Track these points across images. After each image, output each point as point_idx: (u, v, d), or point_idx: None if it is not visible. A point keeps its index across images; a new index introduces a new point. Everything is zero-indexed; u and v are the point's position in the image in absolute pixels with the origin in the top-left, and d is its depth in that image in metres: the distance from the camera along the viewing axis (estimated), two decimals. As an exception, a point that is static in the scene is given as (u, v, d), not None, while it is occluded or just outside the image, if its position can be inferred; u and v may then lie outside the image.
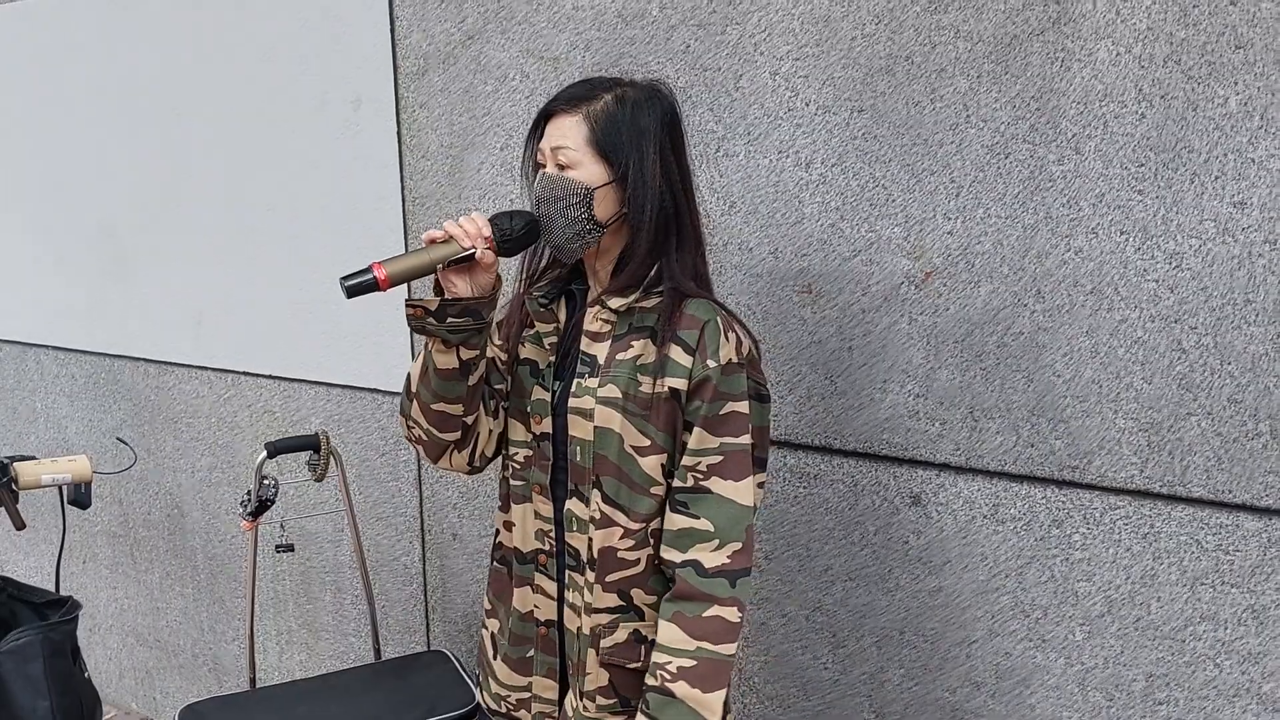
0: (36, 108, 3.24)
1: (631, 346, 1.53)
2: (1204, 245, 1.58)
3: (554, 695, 1.67)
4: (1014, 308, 1.74)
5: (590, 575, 1.57)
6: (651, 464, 1.53)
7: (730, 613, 1.50)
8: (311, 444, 2.44)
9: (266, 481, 2.40)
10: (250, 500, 2.40)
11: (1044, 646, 1.82)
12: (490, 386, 1.64)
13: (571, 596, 1.61)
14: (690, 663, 1.49)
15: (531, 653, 1.67)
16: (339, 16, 2.49)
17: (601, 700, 1.58)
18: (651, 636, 1.56)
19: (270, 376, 2.87)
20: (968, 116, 1.73)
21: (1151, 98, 1.59)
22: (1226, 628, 1.66)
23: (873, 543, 1.96)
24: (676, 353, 1.51)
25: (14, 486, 1.84)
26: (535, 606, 1.65)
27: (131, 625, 3.48)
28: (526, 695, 1.69)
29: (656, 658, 1.51)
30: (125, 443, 2.46)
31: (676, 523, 1.52)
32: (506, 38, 2.22)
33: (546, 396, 1.59)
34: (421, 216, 2.47)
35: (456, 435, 1.61)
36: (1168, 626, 1.71)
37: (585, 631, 1.59)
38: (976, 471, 1.83)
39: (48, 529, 3.52)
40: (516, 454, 1.65)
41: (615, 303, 1.54)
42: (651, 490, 1.53)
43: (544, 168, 1.54)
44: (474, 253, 1.46)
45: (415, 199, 2.47)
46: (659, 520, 1.55)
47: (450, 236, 1.47)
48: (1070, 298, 1.69)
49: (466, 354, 1.52)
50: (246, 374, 2.92)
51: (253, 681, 2.59)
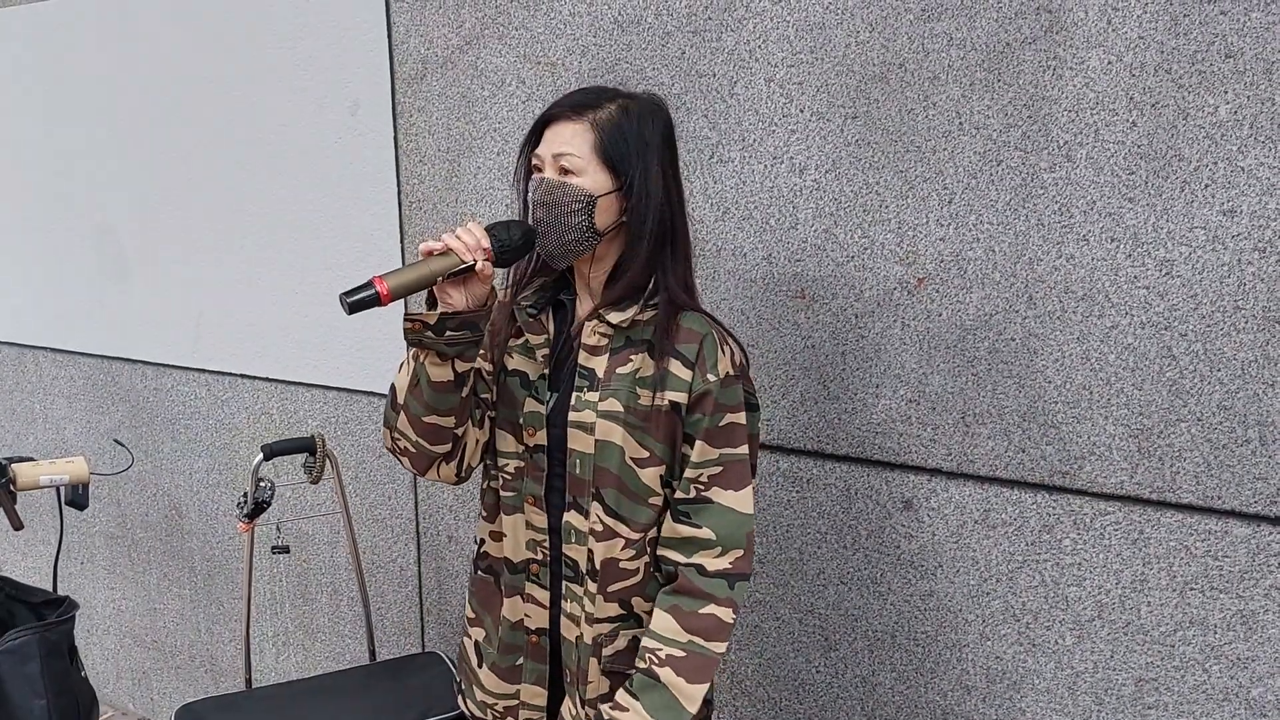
0: (37, 111, 3.25)
1: (630, 360, 1.54)
2: (1194, 253, 1.59)
3: (542, 702, 1.68)
4: (1006, 314, 1.75)
5: (592, 586, 1.57)
6: (651, 475, 1.54)
7: (725, 613, 1.53)
8: (307, 446, 2.45)
9: (263, 484, 2.41)
10: (246, 502, 2.41)
11: (1034, 650, 1.83)
12: (477, 396, 1.63)
13: (570, 607, 1.61)
14: (680, 653, 1.51)
15: (521, 661, 1.67)
16: (337, 21, 2.50)
17: (603, 708, 1.58)
18: None
19: (268, 379, 2.88)
20: (960, 124, 1.74)
21: (1142, 106, 1.60)
22: (1215, 633, 1.67)
23: (865, 547, 1.97)
24: (676, 367, 1.52)
25: (12, 487, 1.85)
26: (526, 615, 1.65)
27: (129, 626, 3.49)
28: (514, 703, 1.69)
29: (647, 643, 1.53)
30: (123, 444, 2.47)
31: (680, 532, 1.54)
32: (504, 43, 2.24)
33: (540, 409, 1.59)
34: (418, 220, 2.48)
35: (447, 447, 1.59)
36: (1157, 631, 1.72)
37: (587, 641, 1.59)
38: (968, 476, 1.84)
39: (45, 530, 3.53)
40: (506, 465, 1.63)
41: (615, 317, 1.54)
42: (650, 500, 1.55)
43: (540, 173, 1.53)
44: (474, 265, 1.45)
45: (412, 203, 2.48)
46: (655, 529, 1.57)
47: (449, 249, 1.45)
48: (1062, 304, 1.70)
49: (462, 366, 1.51)
50: (244, 376, 2.93)
51: (248, 682, 2.60)
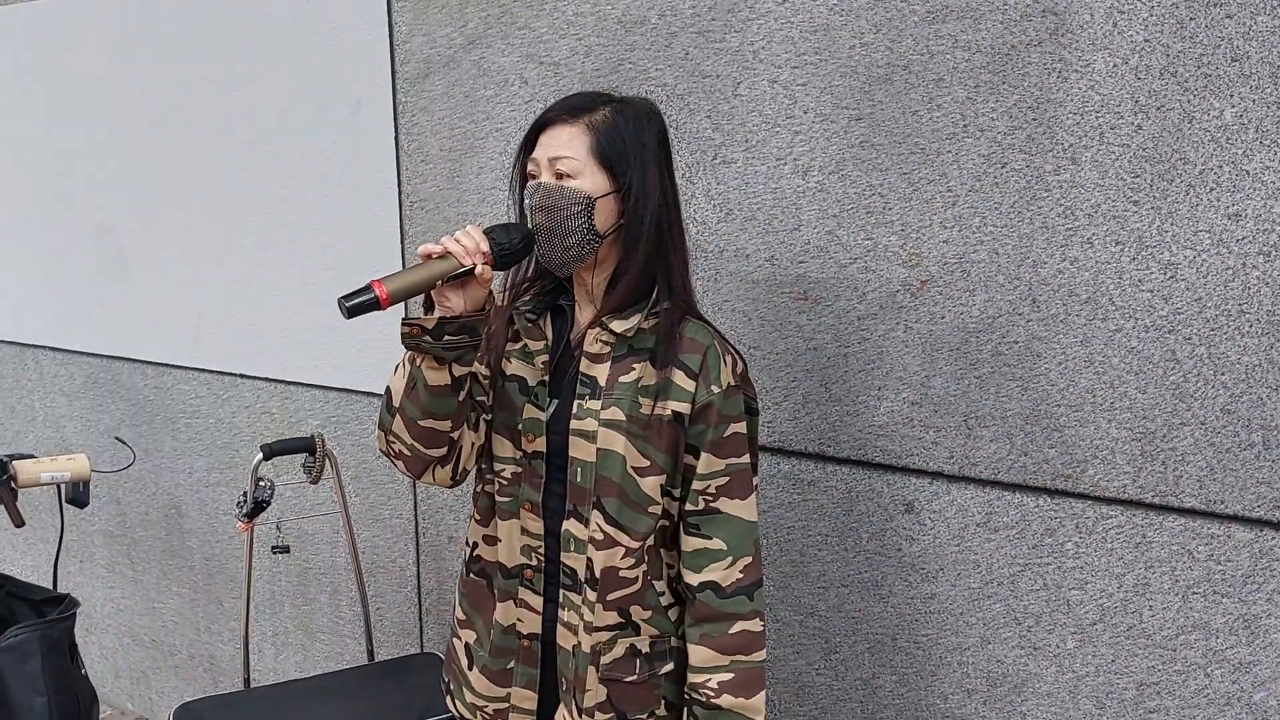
0: (37, 110, 3.25)
1: (633, 369, 1.54)
2: (1199, 256, 1.59)
3: (532, 706, 1.67)
4: (1009, 316, 1.75)
5: (591, 595, 1.57)
6: (651, 484, 1.54)
7: (754, 625, 1.57)
8: (307, 446, 2.44)
9: (262, 483, 2.41)
10: (246, 501, 2.41)
11: (1036, 654, 1.82)
12: (473, 399, 1.62)
13: (567, 615, 1.60)
14: (729, 675, 1.55)
15: (512, 664, 1.67)
16: (339, 20, 2.50)
17: (600, 715, 1.59)
18: (645, 650, 1.60)
19: (268, 379, 2.87)
20: (965, 126, 1.74)
21: (1148, 109, 1.59)
22: (1218, 637, 1.67)
23: (866, 549, 1.96)
24: (679, 377, 1.52)
25: (13, 484, 1.85)
26: (519, 620, 1.65)
27: (128, 625, 3.48)
28: (504, 706, 1.69)
29: (694, 678, 1.57)
30: (124, 442, 2.47)
31: (690, 544, 1.56)
32: (508, 43, 2.23)
33: (540, 415, 1.58)
34: (420, 220, 2.48)
35: (442, 451, 1.58)
36: (1160, 635, 1.71)
37: (585, 649, 1.59)
38: (970, 480, 1.84)
39: (44, 527, 3.53)
40: (503, 470, 1.63)
41: (619, 326, 1.53)
42: (649, 509, 1.55)
43: (536, 179, 1.52)
44: (473, 268, 1.44)
45: (413, 203, 2.48)
46: (654, 538, 1.58)
47: (448, 252, 1.44)
48: (1066, 307, 1.70)
49: (459, 370, 1.50)
50: (245, 376, 2.92)
51: (247, 681, 2.59)
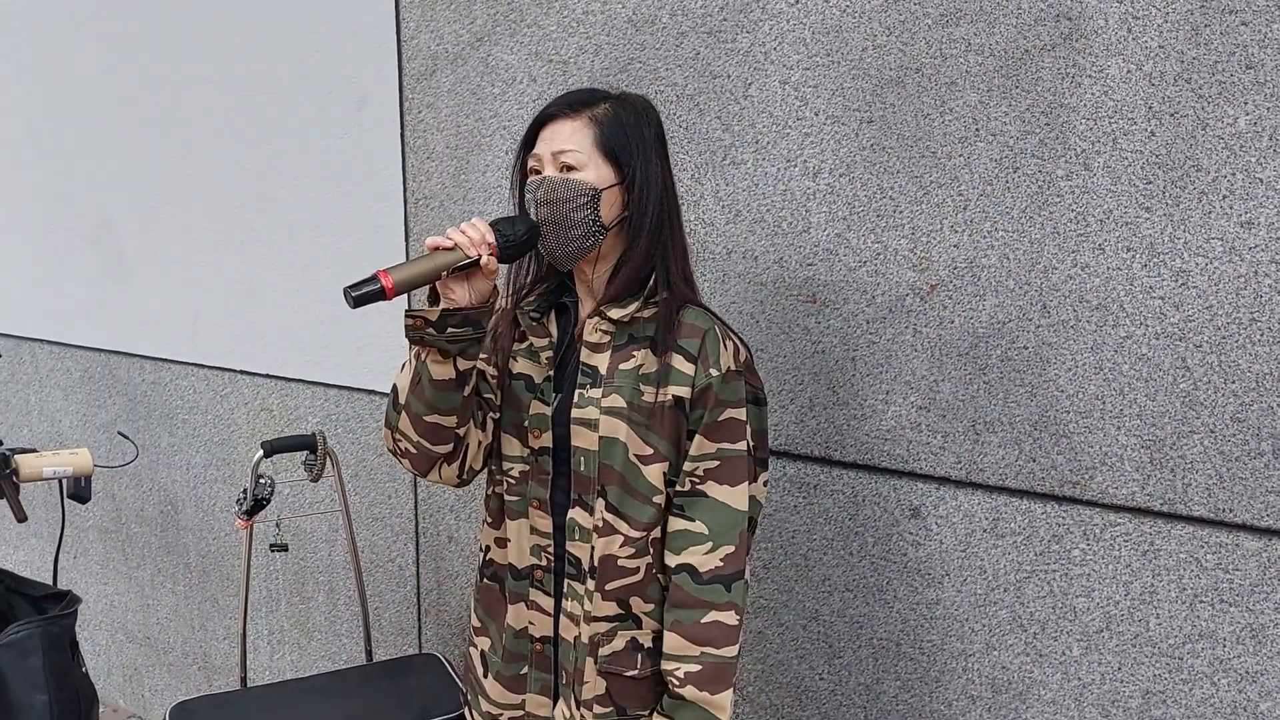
0: (38, 103, 3.23)
1: (633, 356, 1.54)
2: (1210, 264, 1.59)
3: (548, 712, 1.67)
4: (1019, 321, 1.74)
5: (591, 584, 1.57)
6: (654, 472, 1.54)
7: (728, 616, 1.54)
8: (308, 444, 2.43)
9: (262, 480, 2.40)
10: (246, 499, 2.39)
11: (1041, 661, 1.82)
12: (480, 396, 1.63)
13: (570, 606, 1.60)
14: (696, 667, 1.53)
15: (525, 670, 1.66)
16: (345, 16, 2.49)
17: (599, 709, 1.58)
18: (647, 644, 1.59)
19: (268, 375, 2.86)
20: (977, 130, 1.73)
21: (1161, 115, 1.59)
22: (1225, 646, 1.66)
23: (871, 554, 1.95)
24: (679, 361, 1.52)
25: (15, 479, 1.83)
26: (530, 623, 1.64)
27: (121, 622, 3.46)
28: (520, 713, 1.68)
29: (664, 665, 1.56)
30: (127, 437, 2.45)
31: (673, 525, 1.56)
32: (515, 40, 2.22)
33: (546, 410, 1.59)
34: (424, 217, 2.47)
35: (448, 448, 1.58)
36: (1166, 643, 1.71)
37: (584, 640, 1.59)
38: (977, 485, 1.83)
39: (37, 522, 3.51)
40: (511, 469, 1.63)
41: (616, 313, 1.54)
42: (653, 499, 1.55)
43: (538, 173, 1.53)
44: (478, 260, 1.45)
45: (418, 200, 2.47)
46: (659, 530, 1.57)
47: (455, 244, 1.45)
48: (1076, 313, 1.70)
49: (464, 364, 1.50)
50: (244, 372, 2.91)
51: (244, 681, 2.58)
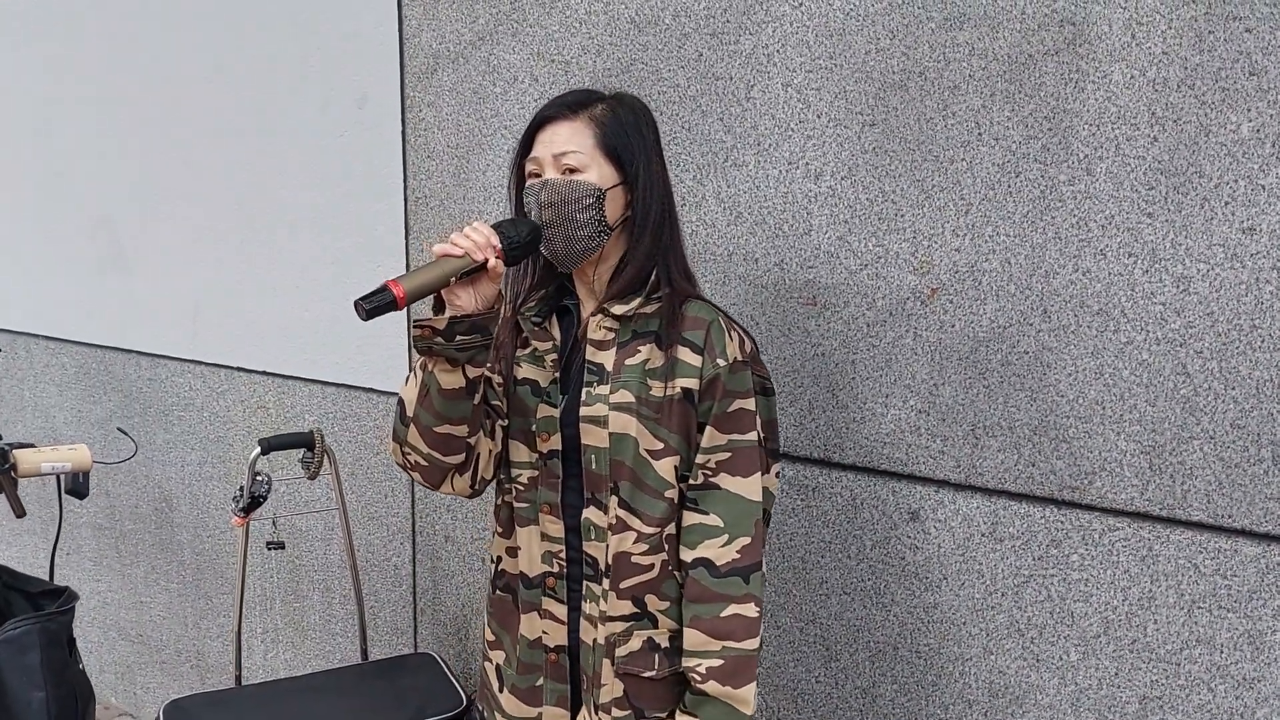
0: (38, 96, 3.22)
1: (638, 352, 1.54)
2: (1212, 270, 1.59)
3: None
4: (1020, 326, 1.75)
5: (606, 583, 1.56)
6: (665, 467, 1.53)
7: (748, 609, 1.53)
8: (306, 441, 2.43)
9: (259, 478, 2.39)
10: (243, 496, 2.39)
11: (1039, 666, 1.82)
12: (488, 404, 1.62)
13: (588, 608, 1.59)
14: (718, 662, 1.52)
15: (541, 681, 1.65)
16: (347, 13, 2.48)
17: (617, 712, 1.57)
18: (664, 644, 1.58)
19: (265, 373, 2.85)
20: (979, 134, 1.73)
21: (1164, 121, 1.59)
22: (1222, 652, 1.66)
23: (869, 557, 1.95)
24: (685, 354, 1.52)
25: (13, 473, 1.82)
26: (544, 632, 1.63)
27: (114, 619, 3.45)
28: None
29: (686, 662, 1.55)
30: (126, 433, 2.44)
31: (687, 519, 1.55)
32: (518, 40, 2.22)
33: (554, 413, 1.58)
34: (424, 217, 2.46)
35: (460, 458, 1.57)
36: (1163, 649, 1.71)
37: (600, 642, 1.57)
38: (976, 489, 1.83)
39: (32, 519, 3.49)
40: (520, 476, 1.62)
41: (619, 309, 1.54)
42: (665, 494, 1.54)
43: (538, 177, 1.53)
44: (485, 264, 1.44)
45: (418, 199, 2.46)
46: (672, 525, 1.56)
47: (462, 250, 1.44)
48: (1076, 318, 1.70)
49: (473, 372, 1.50)
50: (241, 369, 2.90)
51: (238, 679, 2.57)
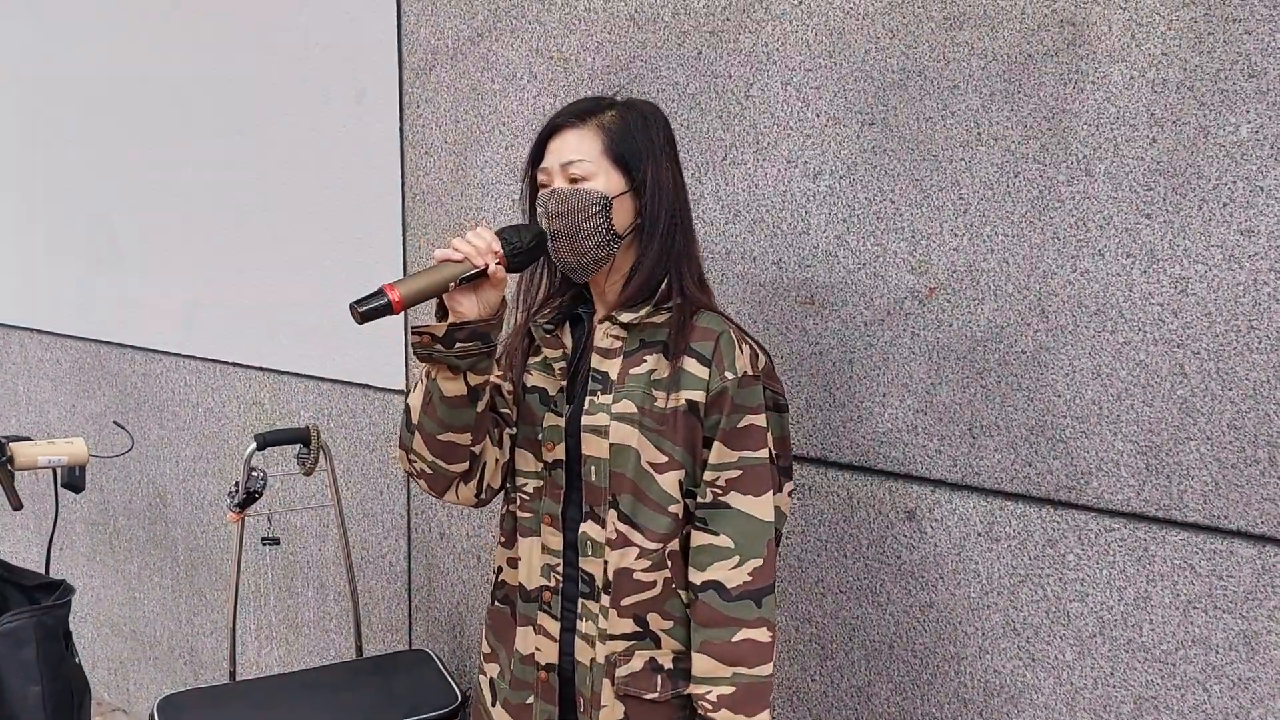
0: (33, 90, 3.21)
1: (644, 361, 1.51)
2: (1210, 271, 1.59)
3: None
4: (1017, 326, 1.75)
5: (605, 600, 1.52)
6: (669, 481, 1.50)
7: (760, 634, 1.49)
8: (302, 437, 2.42)
9: (255, 474, 2.38)
10: (238, 492, 2.38)
11: (1034, 665, 1.82)
12: (497, 413, 1.60)
13: (584, 627, 1.56)
14: (729, 689, 1.48)
15: (531, 700, 1.61)
16: (346, 8, 2.48)
17: None
18: (667, 665, 1.54)
19: (260, 368, 2.84)
20: (979, 134, 1.73)
21: (1163, 122, 1.60)
22: (1218, 652, 1.67)
23: (865, 556, 1.95)
24: (691, 365, 1.49)
25: (10, 467, 1.82)
26: (537, 649, 1.59)
27: (107, 615, 3.44)
28: None
29: (695, 689, 1.50)
30: (123, 427, 2.43)
31: (697, 539, 1.51)
32: (516, 36, 2.22)
33: (560, 422, 1.55)
34: (421, 213, 2.46)
35: (464, 466, 1.55)
36: (1159, 649, 1.71)
37: (599, 661, 1.54)
38: (973, 489, 1.83)
39: (25, 512, 3.48)
40: (525, 485, 1.60)
41: (626, 317, 1.51)
42: (669, 509, 1.51)
43: (549, 187, 1.51)
44: (485, 270, 1.42)
45: (415, 195, 2.46)
46: (676, 541, 1.53)
47: (462, 255, 1.42)
48: (1074, 318, 1.70)
49: (475, 379, 1.47)
50: (236, 365, 2.89)
51: (233, 674, 2.56)
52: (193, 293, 2.94)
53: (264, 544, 2.51)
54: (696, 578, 1.50)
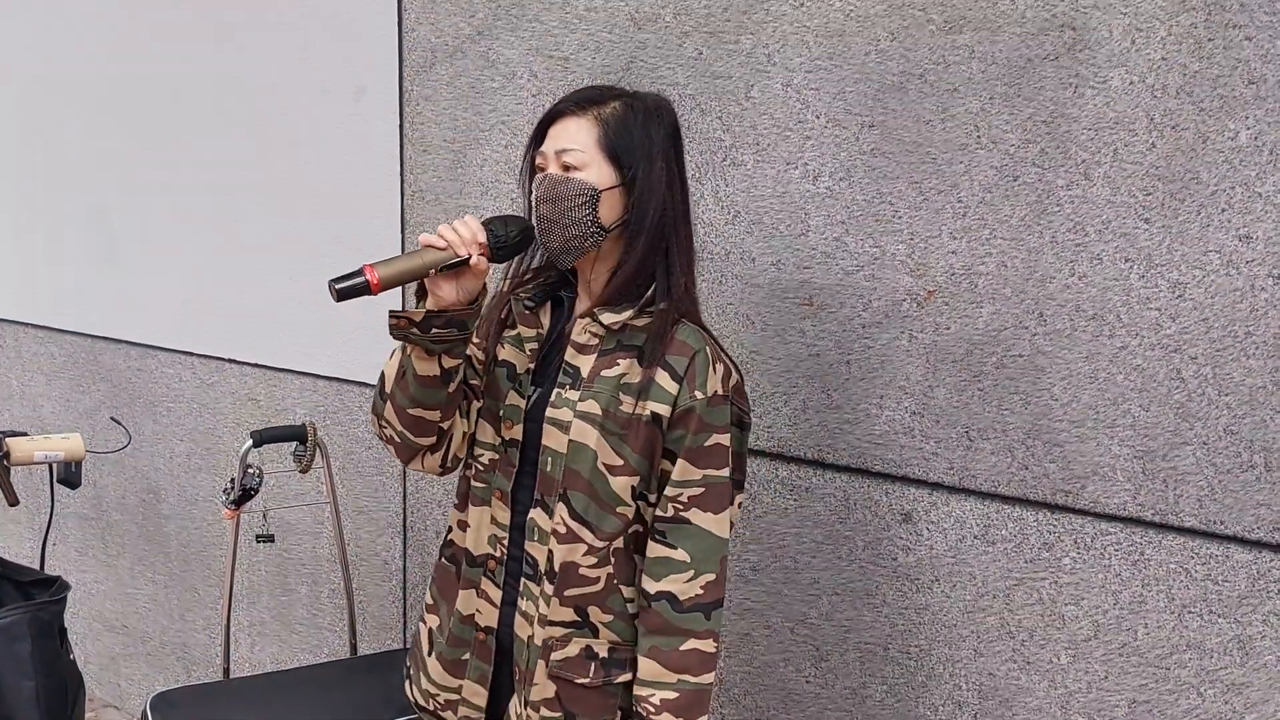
0: (33, 84, 3.20)
1: (618, 364, 1.53)
2: (1207, 276, 1.60)
3: (482, 702, 1.66)
4: (1015, 330, 1.75)
5: (548, 587, 1.56)
6: (622, 484, 1.52)
7: (707, 645, 1.53)
8: (298, 435, 2.42)
9: (251, 470, 2.38)
10: (234, 488, 2.38)
11: (1028, 668, 1.83)
12: (466, 384, 1.62)
13: (525, 605, 1.60)
14: (672, 694, 1.52)
15: (467, 656, 1.66)
16: (345, 6, 2.47)
17: (546, 712, 1.58)
18: (602, 654, 1.58)
19: (256, 365, 2.84)
20: (978, 137, 1.74)
21: (1162, 128, 1.60)
22: (1212, 657, 1.67)
23: (861, 558, 1.96)
24: (663, 378, 1.51)
25: (7, 462, 1.81)
26: (477, 611, 1.64)
27: (99, 610, 3.43)
28: (455, 698, 1.68)
29: (639, 690, 1.54)
30: (120, 423, 2.43)
31: (654, 550, 1.54)
32: (516, 35, 2.22)
33: (521, 403, 1.58)
34: (420, 210, 2.45)
35: (431, 440, 1.59)
36: (1153, 653, 1.72)
37: (537, 642, 1.58)
38: (969, 491, 1.84)
39: (17, 508, 3.47)
40: (482, 455, 1.63)
41: (608, 318, 1.52)
42: (618, 510, 1.54)
43: (544, 171, 1.52)
44: (468, 259, 1.44)
45: (414, 193, 2.45)
46: (621, 540, 1.56)
47: (446, 243, 1.44)
48: (1072, 322, 1.70)
49: (449, 362, 1.50)
50: (232, 361, 2.89)
51: (226, 672, 2.56)
52: (189, 288, 2.93)
53: (259, 541, 2.51)
54: (651, 586, 1.53)
